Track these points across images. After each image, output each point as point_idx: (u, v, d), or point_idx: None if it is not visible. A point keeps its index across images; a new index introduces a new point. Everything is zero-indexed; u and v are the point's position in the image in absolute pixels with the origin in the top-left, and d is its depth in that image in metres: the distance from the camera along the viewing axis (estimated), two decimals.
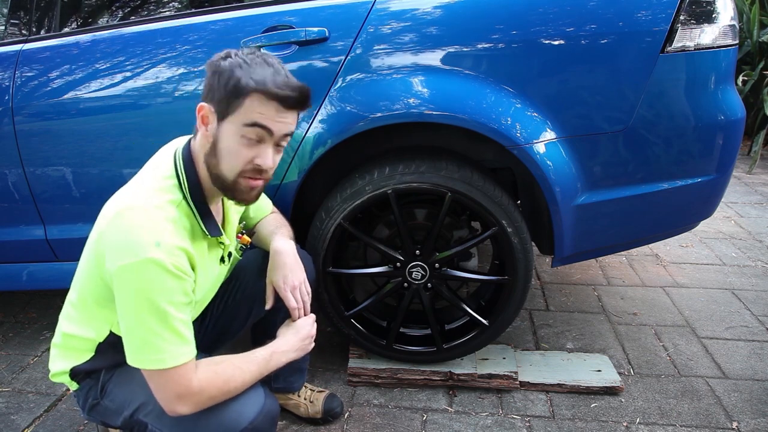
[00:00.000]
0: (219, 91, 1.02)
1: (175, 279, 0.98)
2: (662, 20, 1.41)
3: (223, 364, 1.05)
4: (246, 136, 1.02)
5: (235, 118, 1.02)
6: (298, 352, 1.21)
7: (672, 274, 2.48)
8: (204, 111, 1.05)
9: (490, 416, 1.61)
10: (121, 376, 1.15)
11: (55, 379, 1.19)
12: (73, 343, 1.15)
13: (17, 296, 2.32)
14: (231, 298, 1.41)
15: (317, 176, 1.66)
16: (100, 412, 1.18)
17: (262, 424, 1.06)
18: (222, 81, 1.01)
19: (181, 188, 1.07)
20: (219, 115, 1.03)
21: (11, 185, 1.67)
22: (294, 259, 1.30)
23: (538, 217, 1.70)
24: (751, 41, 4.22)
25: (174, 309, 0.98)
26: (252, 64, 1.01)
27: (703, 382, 1.76)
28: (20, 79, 1.59)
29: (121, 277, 0.97)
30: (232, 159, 1.04)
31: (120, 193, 1.08)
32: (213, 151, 1.05)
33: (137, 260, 0.95)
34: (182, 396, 1.00)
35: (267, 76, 1.01)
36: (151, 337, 0.97)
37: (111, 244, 0.99)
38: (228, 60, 1.02)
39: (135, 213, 0.99)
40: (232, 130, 1.02)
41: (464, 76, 1.46)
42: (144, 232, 0.96)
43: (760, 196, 3.49)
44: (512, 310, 1.66)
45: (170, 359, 0.98)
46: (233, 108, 1.01)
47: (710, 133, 1.54)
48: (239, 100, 1.01)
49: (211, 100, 1.04)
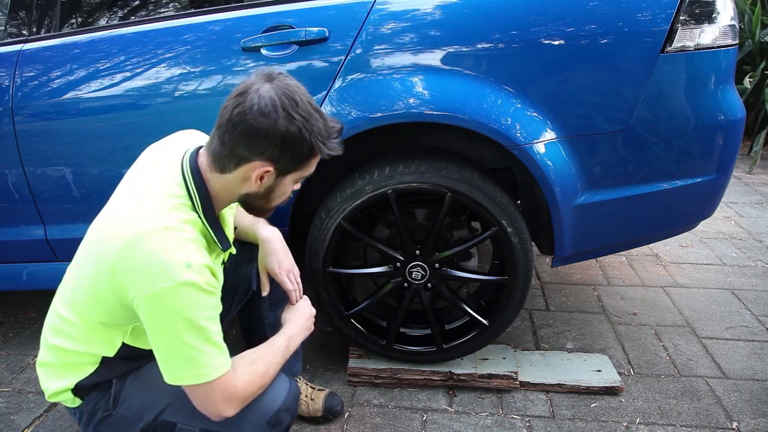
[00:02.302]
0: (293, 157, 1.02)
1: (209, 296, 0.99)
2: (662, 20, 1.41)
3: (258, 362, 1.09)
4: (298, 182, 1.10)
5: (296, 174, 1.06)
6: (306, 332, 1.28)
7: (672, 274, 2.47)
8: (262, 174, 1.03)
9: (490, 416, 1.61)
10: (138, 382, 1.13)
11: (54, 399, 1.14)
12: (71, 358, 1.11)
13: (17, 296, 2.32)
14: None
15: (317, 176, 1.66)
16: (112, 424, 1.14)
17: (292, 403, 1.15)
18: (296, 148, 1.00)
19: (194, 206, 1.05)
20: (279, 172, 1.04)
21: (11, 185, 1.67)
22: (282, 244, 1.36)
23: (538, 217, 1.70)
24: (753, 41, 4.21)
25: (210, 323, 0.99)
26: (308, 118, 1.00)
27: (703, 382, 1.76)
28: (20, 79, 1.59)
29: (154, 304, 0.95)
30: (281, 200, 1.12)
31: (122, 213, 1.03)
32: (265, 196, 1.09)
33: (172, 285, 0.93)
34: (229, 401, 1.02)
35: (322, 132, 1.03)
36: (195, 354, 0.97)
37: (135, 273, 0.96)
38: (287, 119, 0.98)
39: (153, 238, 0.96)
40: (290, 182, 1.08)
41: (464, 76, 1.46)
42: (171, 256, 0.95)
43: (760, 196, 3.49)
44: (512, 310, 1.66)
45: (214, 371, 0.99)
46: (299, 166, 1.05)
47: (710, 133, 1.54)
48: (309, 160, 1.05)
49: (271, 159, 1.01)
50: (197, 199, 1.05)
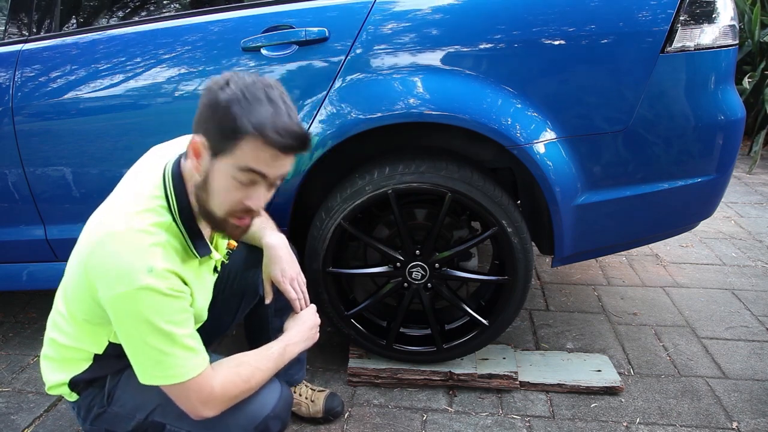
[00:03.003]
0: (214, 127, 0.94)
1: (172, 299, 0.97)
2: (662, 20, 1.41)
3: (242, 365, 1.08)
4: (238, 178, 0.96)
5: (229, 160, 0.94)
6: (307, 342, 1.25)
7: (672, 274, 2.47)
8: (196, 145, 0.97)
9: (490, 416, 1.61)
10: (130, 381, 1.13)
11: (53, 391, 1.17)
12: (67, 354, 1.13)
13: (17, 296, 2.32)
14: (219, 295, 1.41)
15: (317, 176, 1.66)
16: (107, 420, 1.16)
17: (282, 411, 1.12)
18: (217, 117, 0.93)
19: (170, 210, 1.02)
20: (212, 151, 0.96)
21: (11, 185, 1.67)
22: (288, 251, 1.33)
23: (538, 217, 1.69)
24: (752, 41, 4.21)
25: (177, 327, 0.98)
26: (252, 101, 0.91)
27: (703, 382, 1.76)
28: (20, 79, 1.59)
29: (117, 306, 0.95)
30: (223, 199, 0.99)
31: (102, 211, 1.04)
32: (204, 186, 1.00)
33: (131, 289, 0.93)
34: (206, 401, 1.02)
35: (267, 117, 0.91)
36: (162, 357, 0.97)
37: (100, 273, 0.96)
38: (226, 91, 0.92)
39: (119, 239, 0.95)
40: (224, 171, 0.96)
41: (464, 76, 1.46)
42: (134, 259, 0.94)
43: (760, 196, 3.49)
44: (512, 310, 1.66)
45: (185, 372, 0.99)
46: (228, 148, 0.94)
47: (710, 133, 1.54)
48: (235, 141, 0.93)
49: (205, 133, 0.96)
50: (174, 203, 1.02)
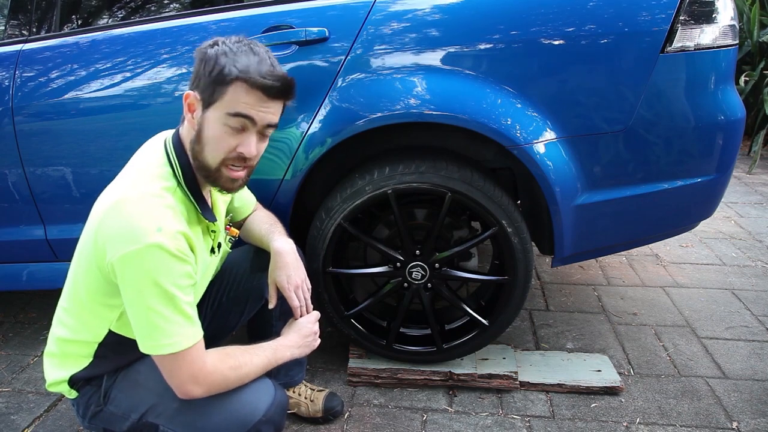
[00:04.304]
0: (204, 78, 1.03)
1: (179, 262, 0.99)
2: (662, 20, 1.41)
3: (232, 355, 1.09)
4: (229, 124, 1.04)
5: (219, 107, 1.03)
6: (302, 348, 1.24)
7: (672, 274, 2.48)
8: (190, 98, 1.06)
9: (490, 416, 1.61)
10: (126, 381, 1.15)
11: (53, 389, 1.18)
12: (69, 349, 1.14)
13: (17, 296, 2.32)
14: (225, 296, 1.42)
15: (317, 176, 1.66)
16: (104, 419, 1.17)
17: (275, 415, 1.10)
18: (207, 68, 1.03)
19: (175, 175, 1.08)
20: (204, 103, 1.04)
21: (11, 185, 1.67)
22: (295, 258, 1.33)
23: (538, 217, 1.69)
24: (752, 41, 4.22)
25: (180, 292, 1.00)
26: (237, 52, 1.02)
27: (703, 382, 1.76)
28: (20, 79, 1.59)
29: (125, 265, 0.97)
30: (216, 147, 1.05)
31: (111, 187, 1.08)
32: (198, 138, 1.06)
33: (141, 246, 0.95)
34: (196, 376, 1.02)
35: (251, 64, 1.02)
36: (161, 321, 0.98)
37: (111, 235, 0.99)
38: (214, 48, 1.04)
39: (132, 202, 0.99)
40: (215, 118, 1.04)
41: (464, 76, 1.46)
42: (144, 220, 0.97)
43: (760, 196, 3.49)
44: (512, 310, 1.66)
45: (182, 341, 1.00)
46: (217, 96, 1.02)
47: (710, 133, 1.54)
48: (223, 88, 1.02)
49: (197, 87, 1.05)
50: (177, 167, 1.08)
